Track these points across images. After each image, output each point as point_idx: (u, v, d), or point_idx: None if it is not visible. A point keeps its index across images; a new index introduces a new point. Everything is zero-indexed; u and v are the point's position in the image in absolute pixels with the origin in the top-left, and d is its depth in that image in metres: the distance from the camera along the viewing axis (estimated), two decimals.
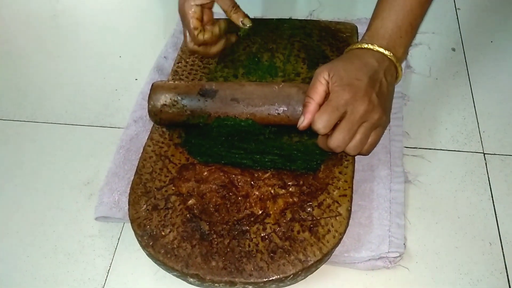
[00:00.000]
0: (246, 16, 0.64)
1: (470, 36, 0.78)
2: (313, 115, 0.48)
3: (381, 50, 0.50)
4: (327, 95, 0.49)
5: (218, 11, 0.65)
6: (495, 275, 0.52)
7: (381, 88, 0.49)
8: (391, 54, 0.50)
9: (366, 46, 0.51)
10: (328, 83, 0.48)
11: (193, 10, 0.59)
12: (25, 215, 0.60)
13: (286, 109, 0.54)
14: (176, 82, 0.58)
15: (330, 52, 0.67)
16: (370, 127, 0.48)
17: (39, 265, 0.56)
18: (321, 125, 0.47)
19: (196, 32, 0.60)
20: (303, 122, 0.49)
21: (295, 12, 0.82)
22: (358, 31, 0.71)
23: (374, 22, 0.53)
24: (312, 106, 0.48)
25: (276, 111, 0.54)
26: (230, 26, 0.65)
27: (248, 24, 0.64)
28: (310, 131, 0.50)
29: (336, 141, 0.47)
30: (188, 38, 0.62)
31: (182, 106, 0.56)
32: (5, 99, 0.75)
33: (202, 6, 0.60)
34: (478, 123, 0.66)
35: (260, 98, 0.55)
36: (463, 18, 0.81)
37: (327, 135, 0.49)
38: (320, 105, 0.48)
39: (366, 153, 0.51)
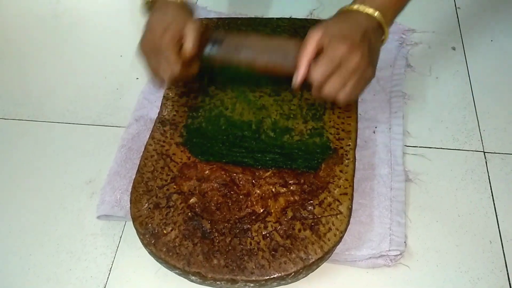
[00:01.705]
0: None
1: (470, 35, 0.78)
2: (306, 69, 0.51)
3: (371, 11, 0.52)
4: (319, 51, 0.51)
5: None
6: (495, 273, 0.52)
7: (370, 44, 0.51)
8: (380, 16, 0.53)
9: (356, 7, 0.53)
10: (321, 40, 0.50)
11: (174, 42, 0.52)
12: (27, 214, 0.60)
13: (282, 60, 0.56)
14: None
15: None
16: (359, 78, 0.51)
17: (42, 263, 0.56)
18: (318, 75, 0.49)
19: (179, 62, 0.53)
20: (298, 76, 0.51)
21: (296, 11, 0.83)
22: None
23: None
24: (305, 62, 0.51)
25: (274, 62, 0.56)
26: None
27: None
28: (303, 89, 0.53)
29: (330, 89, 0.50)
30: (168, 70, 0.53)
31: None
32: (7, 98, 0.75)
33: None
34: (478, 122, 0.66)
35: (261, 49, 0.57)
36: (463, 17, 0.81)
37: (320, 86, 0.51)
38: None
39: (352, 101, 0.55)
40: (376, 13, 0.52)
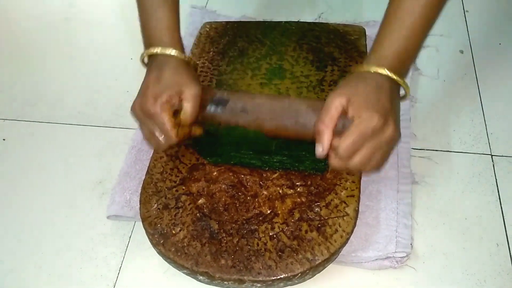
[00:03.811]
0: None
1: (478, 38, 0.78)
2: (329, 143, 0.46)
3: (388, 73, 0.47)
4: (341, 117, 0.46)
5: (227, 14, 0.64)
6: (502, 275, 0.53)
7: (396, 109, 0.47)
8: (397, 76, 0.48)
9: (371, 69, 0.48)
10: (343, 108, 0.46)
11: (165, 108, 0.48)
12: (39, 214, 0.62)
13: (294, 124, 0.52)
14: None
15: (338, 55, 0.68)
16: (390, 148, 0.47)
17: (53, 261, 0.57)
18: (347, 148, 0.44)
19: (174, 131, 0.49)
20: (322, 152, 0.46)
21: (304, 15, 0.83)
22: (366, 33, 0.72)
23: (377, 46, 0.50)
24: (328, 134, 0.46)
25: (284, 126, 0.53)
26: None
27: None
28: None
29: (357, 161, 0.45)
30: (162, 139, 0.49)
31: None
32: (19, 100, 0.77)
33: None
34: (486, 125, 0.66)
35: (269, 111, 0.54)
36: (472, 20, 0.81)
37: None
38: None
39: (379, 171, 0.49)
40: (393, 75, 0.47)
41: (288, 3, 0.88)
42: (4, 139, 0.71)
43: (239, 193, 0.54)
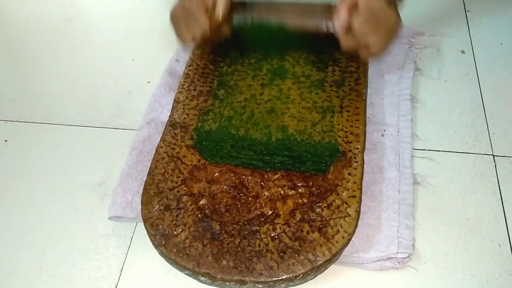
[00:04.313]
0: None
1: (479, 38, 0.78)
2: (347, 15, 0.53)
3: None
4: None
5: None
6: (504, 276, 0.52)
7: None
8: None
9: None
10: None
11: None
12: (41, 215, 0.62)
13: (313, 18, 0.63)
14: None
15: (340, 55, 0.68)
16: (393, 32, 0.56)
17: (54, 263, 0.57)
18: (357, 21, 0.53)
19: (206, 21, 0.58)
20: (341, 18, 0.54)
21: None
22: None
23: None
24: (345, 8, 0.53)
25: (307, 22, 0.64)
26: None
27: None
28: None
29: (363, 33, 0.53)
30: (197, 30, 0.59)
31: None
32: (21, 101, 0.77)
33: None
34: (487, 125, 0.66)
35: (291, 9, 0.65)
36: (473, 20, 0.81)
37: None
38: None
39: (378, 54, 0.57)
40: None
41: None
42: (6, 140, 0.71)
43: (241, 194, 0.54)
